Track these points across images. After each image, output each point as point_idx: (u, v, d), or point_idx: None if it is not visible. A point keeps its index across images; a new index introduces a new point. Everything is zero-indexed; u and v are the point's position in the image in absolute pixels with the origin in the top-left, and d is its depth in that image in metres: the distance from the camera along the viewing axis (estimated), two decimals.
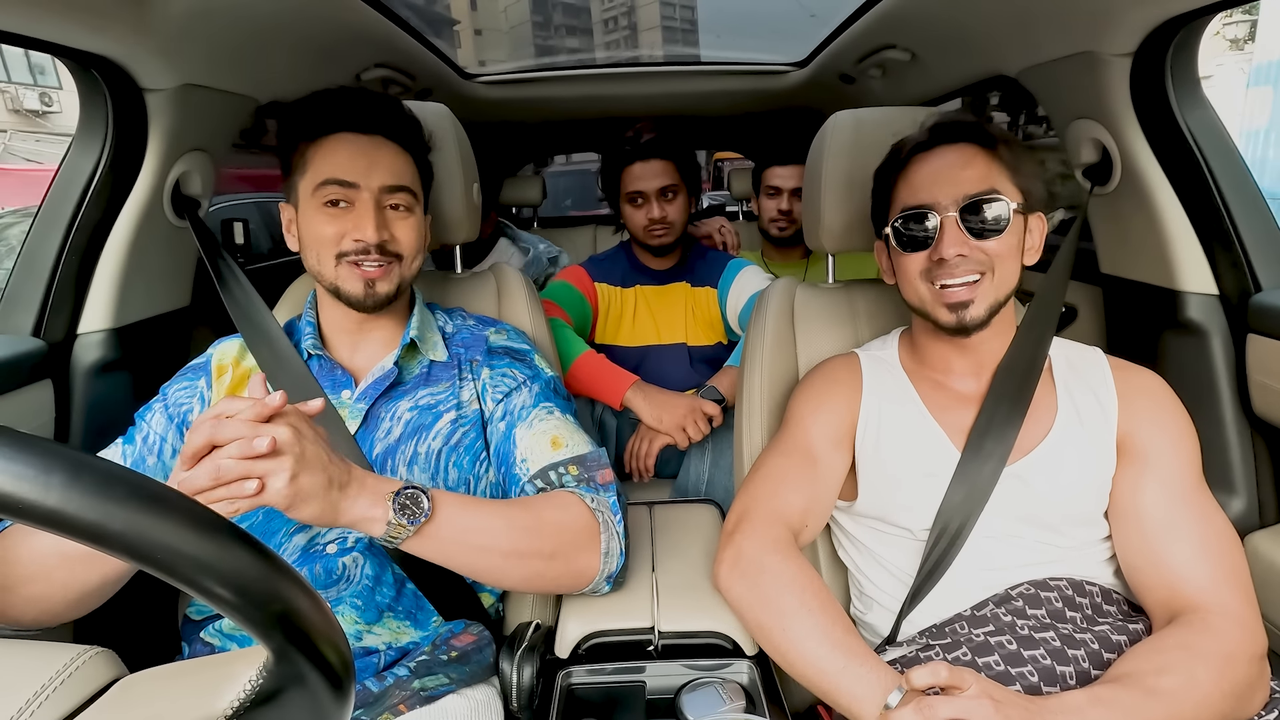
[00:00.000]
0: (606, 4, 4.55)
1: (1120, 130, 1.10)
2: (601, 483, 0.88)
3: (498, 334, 1.02)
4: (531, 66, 2.17)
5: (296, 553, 0.85)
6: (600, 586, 0.87)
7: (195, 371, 0.94)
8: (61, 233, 1.08)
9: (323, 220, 0.87)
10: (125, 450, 0.88)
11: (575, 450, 0.90)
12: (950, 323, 0.86)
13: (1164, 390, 0.88)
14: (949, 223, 0.84)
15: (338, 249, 0.87)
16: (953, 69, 1.51)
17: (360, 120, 0.89)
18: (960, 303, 0.85)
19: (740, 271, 1.60)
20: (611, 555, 0.85)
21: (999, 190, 0.84)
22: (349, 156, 0.87)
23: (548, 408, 0.94)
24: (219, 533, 0.34)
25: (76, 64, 1.01)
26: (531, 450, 0.90)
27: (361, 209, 0.87)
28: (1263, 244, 1.05)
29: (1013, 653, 0.77)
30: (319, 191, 0.86)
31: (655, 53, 2.32)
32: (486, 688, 0.85)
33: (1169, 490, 0.82)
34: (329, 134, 0.88)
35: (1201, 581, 0.77)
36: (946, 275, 0.85)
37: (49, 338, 1.08)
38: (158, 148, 1.11)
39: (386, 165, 0.89)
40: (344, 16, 1.29)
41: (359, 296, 0.88)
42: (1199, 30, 1.03)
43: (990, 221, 0.83)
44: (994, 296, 0.85)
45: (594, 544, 0.83)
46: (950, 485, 0.85)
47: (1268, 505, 1.05)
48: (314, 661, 0.36)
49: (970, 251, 0.84)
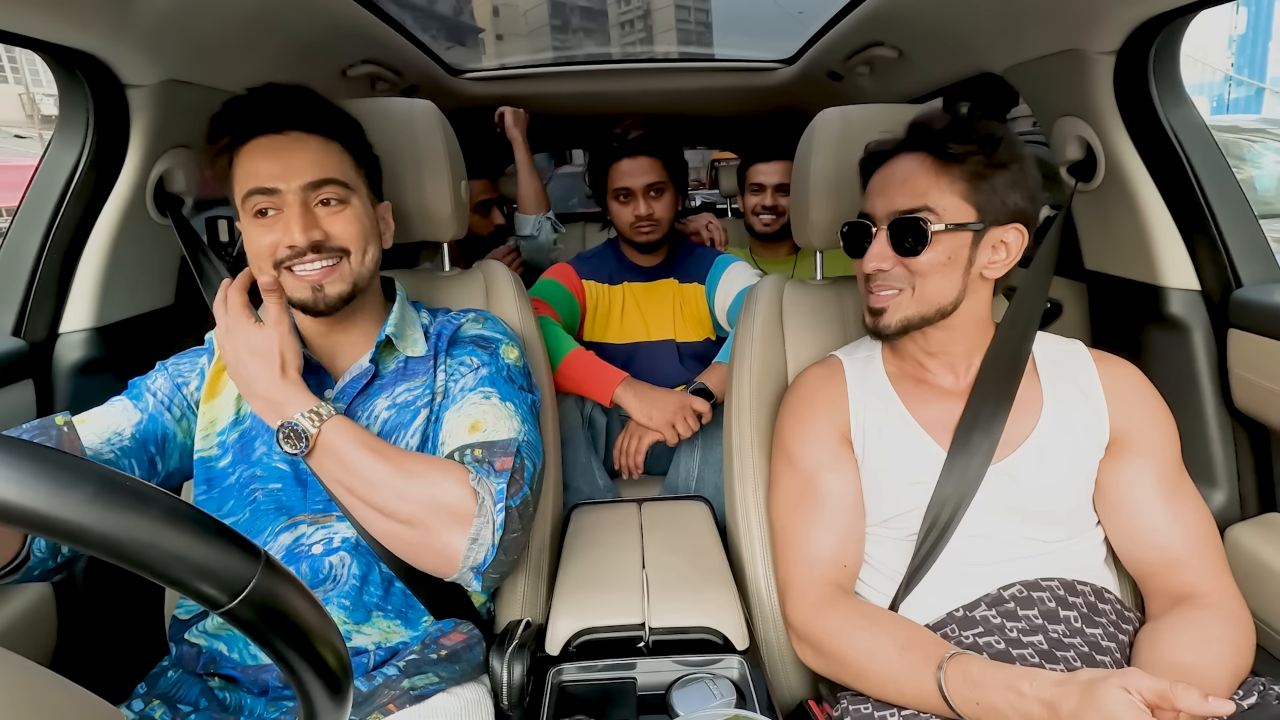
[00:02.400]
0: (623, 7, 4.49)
1: (1104, 127, 1.11)
2: (498, 469, 0.81)
3: (474, 322, 1.00)
4: (519, 64, 2.16)
5: (282, 552, 0.84)
6: (467, 578, 0.80)
7: (197, 352, 0.95)
8: (42, 231, 1.07)
9: (256, 232, 0.84)
10: (137, 405, 0.87)
11: (491, 436, 0.85)
12: (868, 325, 0.92)
13: (1145, 381, 0.91)
14: (879, 236, 0.87)
15: (274, 258, 0.83)
16: (940, 66, 1.51)
17: (271, 120, 0.84)
18: (878, 309, 0.89)
19: (728, 267, 1.60)
20: (480, 545, 0.77)
21: (931, 207, 0.83)
22: (266, 161, 0.83)
23: (485, 393, 0.89)
24: (211, 533, 0.34)
25: (56, 59, 1.00)
26: (450, 434, 0.87)
27: (288, 213, 0.83)
28: (1243, 240, 1.07)
29: (1000, 652, 0.79)
30: (246, 203, 0.84)
31: (653, 50, 2.30)
32: (477, 686, 0.85)
33: (1162, 478, 0.85)
34: (243, 142, 0.84)
35: (1204, 569, 0.81)
36: (872, 284, 0.89)
37: (30, 337, 1.07)
38: (140, 144, 1.10)
39: (307, 161, 0.84)
40: (329, 12, 1.28)
41: (309, 302, 0.85)
42: (1181, 29, 1.05)
43: (913, 239, 0.84)
44: (912, 310, 0.87)
45: (462, 526, 0.77)
46: (938, 482, 0.86)
47: (1248, 498, 1.07)
48: (312, 665, 0.36)
49: (891, 266, 0.86)
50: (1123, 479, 0.86)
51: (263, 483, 0.87)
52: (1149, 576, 0.85)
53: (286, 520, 0.86)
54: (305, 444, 0.77)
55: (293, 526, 0.85)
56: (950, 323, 0.88)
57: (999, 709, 0.68)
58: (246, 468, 0.87)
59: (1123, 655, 0.79)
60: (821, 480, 0.91)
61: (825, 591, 0.86)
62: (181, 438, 0.89)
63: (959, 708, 0.71)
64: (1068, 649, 0.78)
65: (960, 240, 0.84)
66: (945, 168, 0.84)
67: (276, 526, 0.85)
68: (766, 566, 1.01)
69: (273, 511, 0.86)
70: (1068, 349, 0.94)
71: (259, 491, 0.86)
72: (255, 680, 0.81)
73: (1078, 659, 0.77)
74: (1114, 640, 0.80)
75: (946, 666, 0.72)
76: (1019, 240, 0.86)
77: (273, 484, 0.87)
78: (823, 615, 0.85)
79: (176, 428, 0.88)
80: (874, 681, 0.79)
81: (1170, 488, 0.85)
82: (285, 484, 0.87)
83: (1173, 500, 0.85)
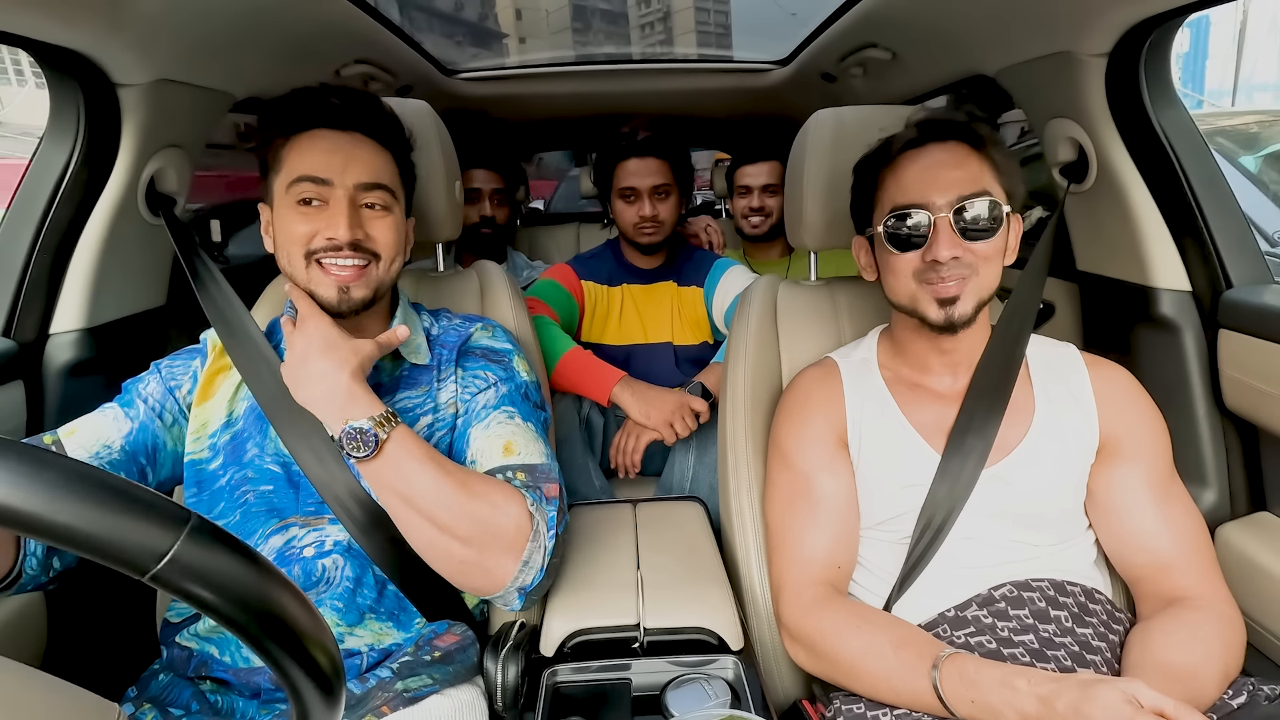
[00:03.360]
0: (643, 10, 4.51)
1: (1096, 129, 1.12)
2: (547, 496, 0.84)
3: (482, 331, 1.01)
4: (511, 64, 2.16)
5: (273, 555, 0.84)
6: (510, 598, 0.81)
7: (190, 353, 0.94)
8: (32, 231, 1.06)
9: (295, 218, 0.85)
10: (127, 413, 0.86)
11: (527, 459, 0.87)
12: (939, 319, 0.86)
13: (1136, 386, 0.91)
14: (942, 224, 0.83)
15: (308, 247, 0.85)
16: (933, 68, 1.52)
17: (337, 116, 0.87)
18: (950, 298, 0.84)
19: (726, 271, 1.60)
20: (530, 568, 0.80)
21: (990, 191, 0.84)
22: (324, 153, 0.85)
23: (509, 412, 0.91)
24: (201, 535, 0.34)
25: (46, 59, 0.99)
26: (482, 452, 0.88)
27: (335, 206, 0.84)
28: (1233, 242, 1.08)
29: (991, 651, 0.79)
30: (292, 189, 0.85)
31: (654, 51, 2.30)
32: (471, 688, 0.85)
33: (1152, 482, 0.86)
34: (304, 130, 0.86)
35: (1194, 571, 0.82)
36: (938, 276, 0.85)
37: (20, 338, 1.06)
38: (131, 144, 1.09)
39: (363, 162, 0.87)
40: (323, 12, 1.28)
41: (333, 301, 0.86)
42: (1172, 31, 1.05)
43: (983, 223, 0.83)
44: (979, 296, 0.86)
45: (516, 549, 0.79)
46: (933, 484, 0.87)
47: (1238, 497, 1.08)
48: (304, 667, 0.36)
49: (963, 253, 0.84)
50: (1113, 483, 0.86)
51: (254, 484, 0.86)
52: (1140, 580, 0.85)
53: (278, 522, 0.85)
54: (371, 450, 0.76)
55: (284, 529, 0.85)
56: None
57: (994, 706, 0.68)
58: (238, 469, 0.87)
59: (1113, 655, 0.80)
60: (817, 481, 0.91)
61: (819, 591, 0.86)
62: (172, 445, 0.88)
63: (954, 706, 0.71)
64: (1058, 648, 0.78)
65: (1004, 225, 0.86)
66: (980, 155, 0.86)
67: (268, 529, 0.85)
68: (761, 567, 1.01)
69: (264, 514, 0.85)
70: (1060, 352, 0.94)
71: (250, 493, 0.86)
72: (247, 683, 0.80)
73: (1068, 658, 0.77)
74: (1104, 640, 0.80)
75: (942, 665, 0.73)
76: (1018, 229, 0.89)
77: (264, 486, 0.86)
78: (816, 615, 0.85)
79: (167, 435, 0.88)
80: (867, 680, 0.79)
81: (1161, 492, 0.86)
82: (277, 486, 0.86)
83: (1163, 504, 0.85)
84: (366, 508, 0.83)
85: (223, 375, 0.91)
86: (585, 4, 2.77)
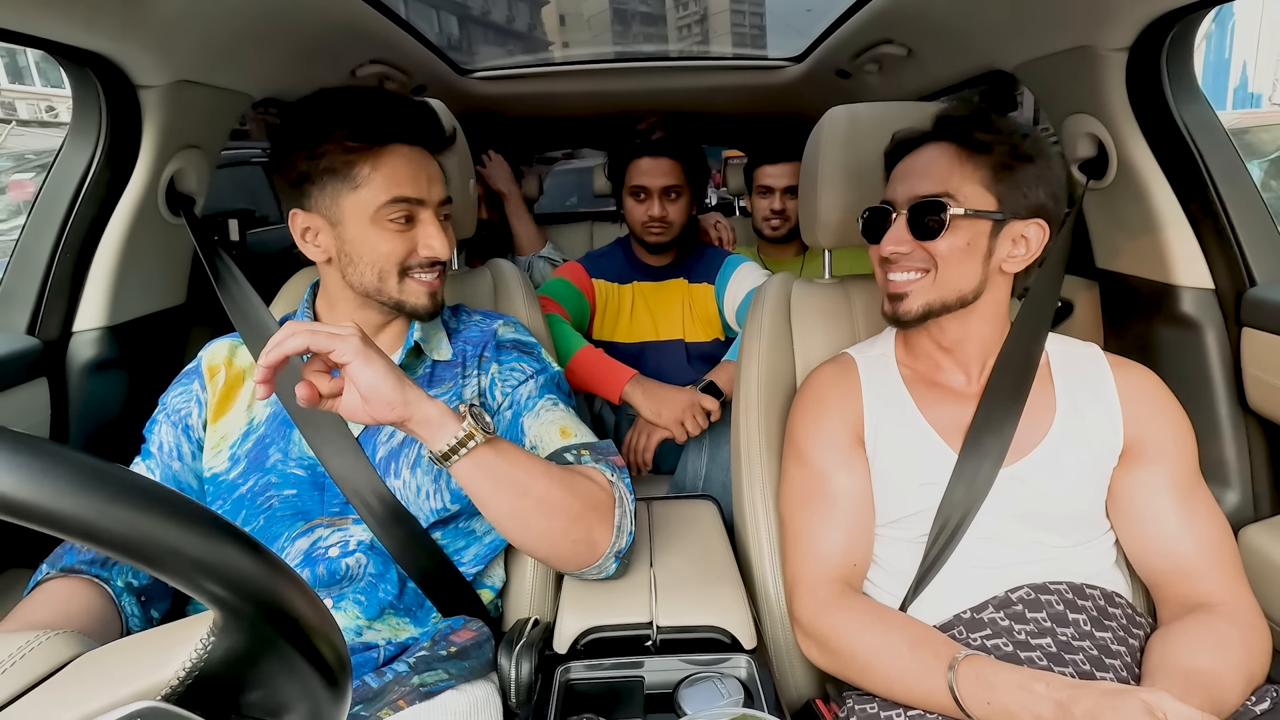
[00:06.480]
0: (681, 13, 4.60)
1: (1116, 125, 1.10)
2: (617, 464, 0.90)
3: (505, 326, 1.02)
4: (525, 63, 2.16)
5: (298, 557, 0.85)
6: (608, 564, 0.87)
7: (188, 376, 0.94)
8: (56, 230, 1.08)
9: (389, 237, 0.85)
10: (147, 465, 0.88)
11: (584, 439, 0.92)
12: (888, 313, 0.91)
13: (1162, 388, 0.89)
14: (898, 220, 0.87)
15: (404, 264, 0.86)
16: (949, 64, 1.51)
17: (412, 130, 0.87)
18: (897, 294, 0.88)
19: (738, 268, 1.60)
20: (623, 532, 0.86)
21: (952, 193, 0.84)
22: (411, 172, 0.85)
23: (553, 399, 0.95)
24: (211, 528, 0.34)
25: (69, 61, 1.01)
26: (541, 438, 0.91)
27: (428, 223, 0.87)
28: (1257, 239, 1.06)
29: (1008, 654, 0.78)
30: (386, 209, 0.83)
31: (666, 48, 2.31)
32: (485, 684, 0.85)
33: (1176, 485, 0.84)
34: (384, 144, 0.83)
35: (1218, 577, 0.80)
36: (891, 269, 0.88)
37: (44, 336, 1.08)
38: (152, 145, 1.11)
39: (439, 179, 0.90)
40: (339, 12, 1.29)
41: (428, 309, 0.89)
42: (1195, 25, 1.03)
43: (931, 223, 0.84)
44: (934, 296, 0.86)
45: (610, 516, 0.85)
46: (949, 484, 0.86)
47: (1262, 498, 1.06)
48: (309, 658, 0.36)
49: (911, 249, 0.86)
50: (1136, 486, 0.85)
51: (278, 489, 0.87)
52: (1162, 584, 0.84)
53: (304, 525, 0.86)
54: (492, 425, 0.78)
55: (309, 531, 0.86)
56: (968, 314, 0.88)
57: (1011, 710, 0.68)
58: (260, 476, 0.88)
59: (1133, 660, 0.79)
60: (832, 478, 0.91)
61: (833, 589, 0.86)
62: (195, 484, 0.90)
63: (969, 708, 0.70)
64: (1076, 652, 0.77)
65: (979, 228, 0.84)
66: (970, 156, 0.85)
67: (293, 532, 0.86)
68: (774, 566, 1.01)
69: (289, 517, 0.86)
70: (1085, 353, 0.93)
71: (274, 499, 0.87)
72: None
73: (1086, 662, 0.76)
74: (1124, 644, 0.79)
75: (958, 666, 0.72)
76: (1040, 236, 0.86)
77: (288, 490, 0.87)
78: (830, 612, 0.84)
79: (188, 471, 0.89)
80: (881, 679, 0.79)
81: (1185, 495, 0.84)
82: (301, 489, 0.88)
83: (1187, 508, 0.83)
84: (388, 504, 0.85)
85: (240, 383, 0.92)
86: (624, 7, 2.80)
